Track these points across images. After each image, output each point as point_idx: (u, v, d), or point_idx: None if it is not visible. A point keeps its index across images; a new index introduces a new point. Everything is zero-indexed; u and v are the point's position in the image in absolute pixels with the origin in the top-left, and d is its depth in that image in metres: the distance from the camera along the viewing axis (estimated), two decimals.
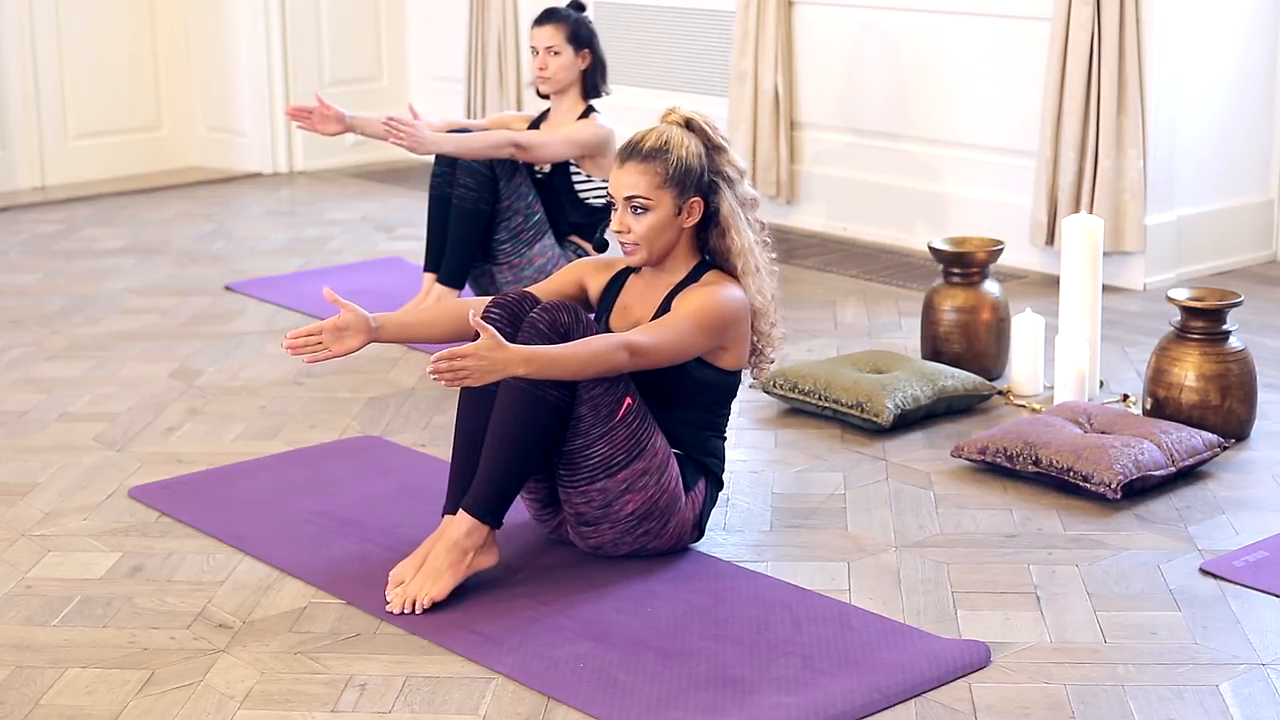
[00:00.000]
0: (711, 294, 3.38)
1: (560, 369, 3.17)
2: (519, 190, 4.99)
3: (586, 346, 3.21)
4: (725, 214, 3.43)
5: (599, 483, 3.29)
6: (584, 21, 5.10)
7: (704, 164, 3.41)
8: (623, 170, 3.39)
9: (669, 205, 3.38)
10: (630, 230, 3.39)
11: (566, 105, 5.13)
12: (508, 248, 4.99)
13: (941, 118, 6.10)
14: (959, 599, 3.27)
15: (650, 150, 3.38)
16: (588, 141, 5.01)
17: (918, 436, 4.20)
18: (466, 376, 3.07)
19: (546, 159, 5.02)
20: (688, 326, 3.33)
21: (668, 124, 3.44)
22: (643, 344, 3.27)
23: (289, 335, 3.31)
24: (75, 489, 3.88)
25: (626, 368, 3.26)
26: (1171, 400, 4.11)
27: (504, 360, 3.09)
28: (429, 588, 3.20)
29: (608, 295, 3.56)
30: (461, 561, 3.24)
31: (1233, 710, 2.83)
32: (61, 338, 5.13)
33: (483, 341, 3.08)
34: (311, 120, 5.03)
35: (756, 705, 2.83)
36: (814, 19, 6.39)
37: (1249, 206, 5.91)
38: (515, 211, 4.98)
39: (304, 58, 7.73)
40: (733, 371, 3.47)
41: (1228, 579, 3.34)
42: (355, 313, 3.33)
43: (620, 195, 3.39)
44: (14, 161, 7.40)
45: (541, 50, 5.06)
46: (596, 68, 5.10)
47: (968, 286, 4.61)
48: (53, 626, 3.17)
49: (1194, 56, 5.60)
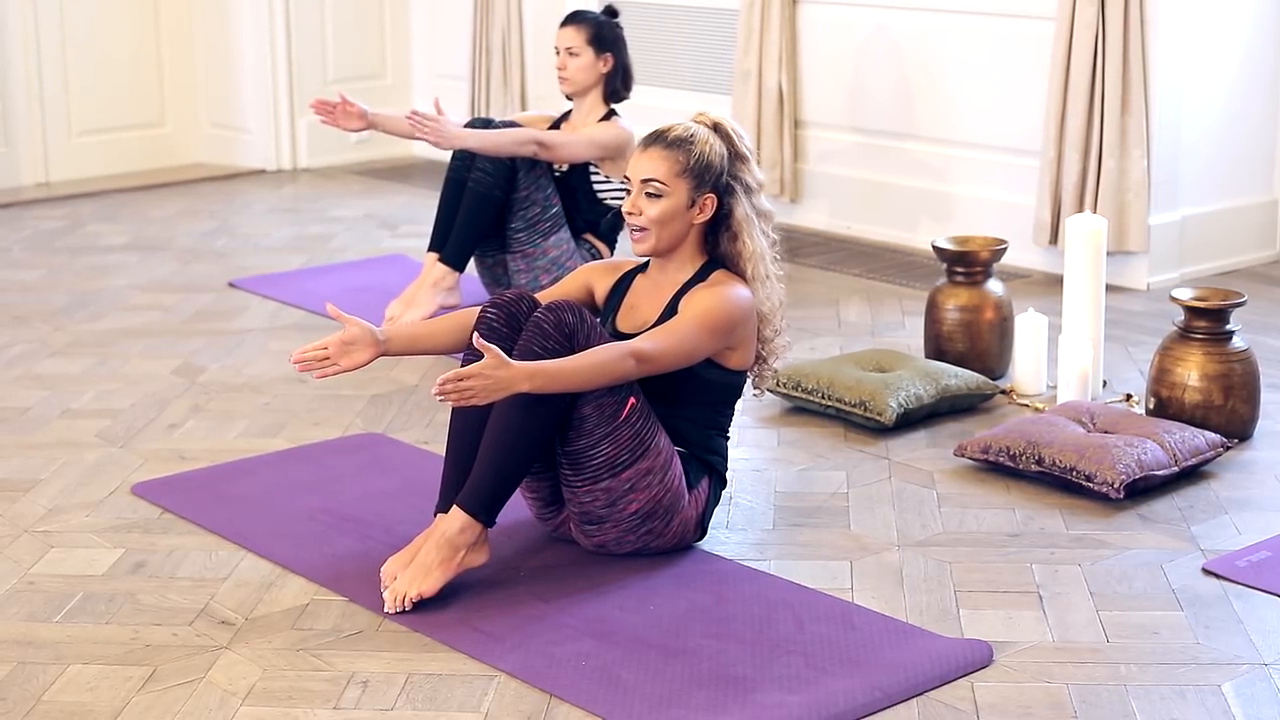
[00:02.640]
0: (718, 294, 3.38)
1: (566, 382, 3.18)
2: (539, 182, 5.05)
3: (592, 358, 3.22)
4: (739, 218, 3.45)
5: (603, 482, 3.29)
6: (609, 26, 5.16)
7: (724, 165, 3.43)
8: (644, 154, 3.42)
9: (683, 195, 3.40)
10: (642, 213, 3.41)
11: (587, 107, 5.20)
12: (523, 236, 5.03)
13: (945, 117, 6.10)
14: (961, 598, 3.27)
15: (674, 139, 3.41)
16: (608, 143, 5.09)
17: (920, 436, 4.20)
18: (473, 396, 3.09)
19: (567, 158, 5.10)
20: (694, 330, 3.33)
21: (696, 122, 3.47)
22: (649, 351, 3.28)
23: (296, 353, 3.33)
24: (78, 485, 3.88)
25: (634, 375, 3.27)
26: (1174, 400, 4.11)
27: (509, 378, 3.11)
28: (419, 583, 3.20)
29: (614, 296, 3.57)
30: (453, 559, 3.23)
31: (1235, 710, 2.83)
32: (64, 334, 5.13)
33: (487, 361, 3.09)
34: (334, 115, 5.12)
35: (758, 704, 2.83)
36: (818, 17, 6.39)
37: (1253, 206, 5.91)
38: (533, 202, 5.02)
39: (308, 55, 7.73)
40: (739, 371, 3.47)
41: (1230, 579, 3.34)
42: (362, 327, 3.35)
43: (637, 178, 3.42)
44: (18, 158, 7.40)
45: (562, 51, 5.15)
46: (618, 72, 5.18)
47: (971, 286, 4.60)
48: (55, 623, 3.18)
49: (1198, 56, 5.60)
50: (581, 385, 3.21)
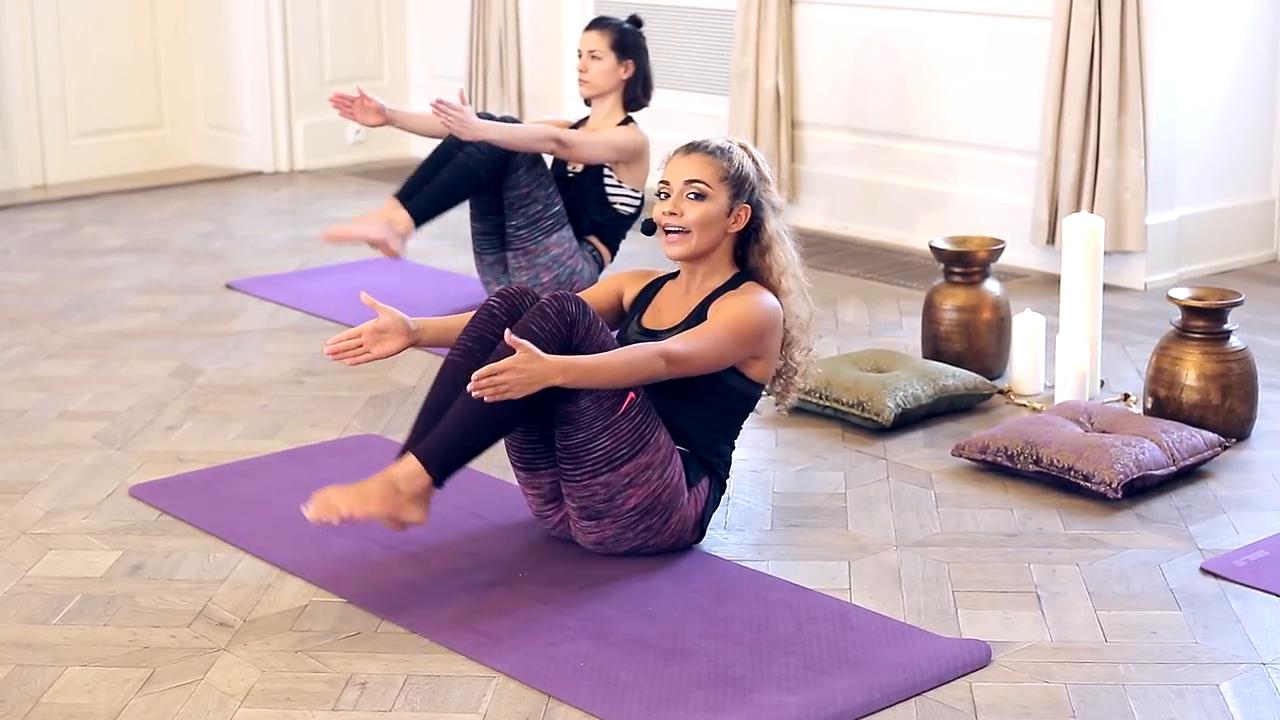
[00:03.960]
0: (750, 301, 3.42)
1: (598, 378, 3.22)
2: (540, 180, 5.08)
3: (624, 355, 3.26)
4: (769, 232, 3.51)
5: (601, 476, 3.30)
6: (633, 34, 5.22)
7: (755, 181, 3.49)
8: (687, 159, 3.47)
9: (723, 201, 3.45)
10: (683, 215, 3.45)
11: (604, 112, 5.25)
12: (524, 234, 5.05)
13: (942, 117, 6.10)
14: (959, 598, 3.27)
15: (715, 148, 3.49)
16: (626, 147, 5.14)
17: (918, 436, 4.20)
18: (507, 390, 3.12)
19: (585, 159, 5.14)
20: (725, 335, 3.37)
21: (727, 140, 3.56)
22: (680, 352, 3.31)
23: (330, 340, 3.40)
24: (76, 488, 3.88)
25: (663, 376, 3.30)
26: (1172, 400, 4.11)
27: (542, 371, 3.14)
28: (352, 504, 3.17)
29: (642, 297, 3.62)
30: (392, 498, 3.21)
31: (1233, 709, 2.83)
32: (62, 336, 5.13)
33: (520, 355, 3.12)
34: (352, 110, 5.19)
35: (757, 704, 2.83)
36: (815, 18, 6.39)
37: (1250, 206, 5.91)
38: (535, 200, 5.05)
39: (305, 56, 7.73)
40: (758, 384, 3.49)
41: (1228, 578, 3.34)
42: (394, 315, 3.42)
43: (680, 179, 3.45)
44: (15, 160, 7.40)
45: (585, 54, 5.21)
46: (639, 80, 5.22)
47: (969, 286, 4.61)
48: (53, 625, 3.17)
49: (1195, 55, 5.60)
50: (612, 382, 3.24)
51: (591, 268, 5.20)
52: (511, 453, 3.45)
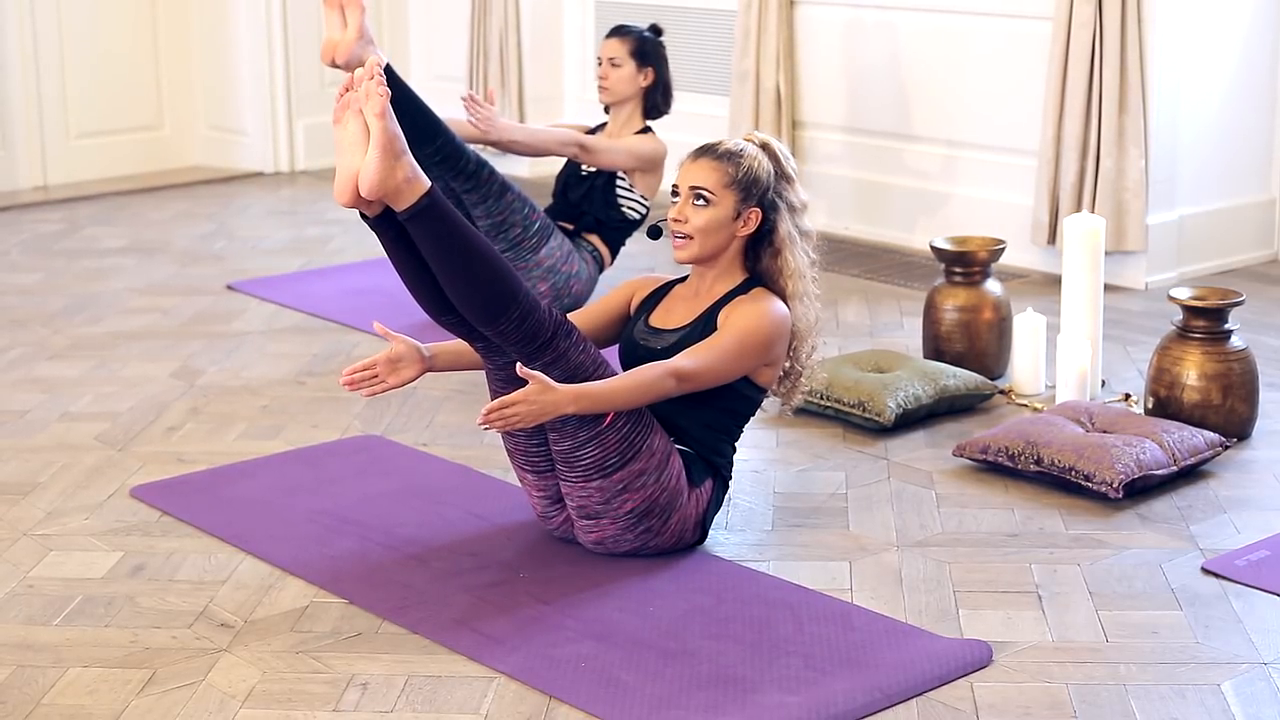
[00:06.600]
0: (758, 311, 3.43)
1: (610, 403, 3.23)
2: (512, 205, 5.01)
3: (635, 378, 3.27)
4: (782, 235, 3.52)
5: (594, 481, 3.30)
6: (654, 42, 5.25)
7: (770, 182, 3.49)
8: (695, 164, 3.48)
9: (730, 206, 3.45)
10: (688, 221, 3.46)
11: (623, 119, 5.28)
12: (510, 255, 5.01)
13: (943, 117, 6.10)
14: (961, 598, 3.27)
15: (724, 152, 3.48)
16: (645, 154, 5.18)
17: (919, 436, 4.20)
18: (518, 422, 3.14)
19: (605, 164, 5.16)
20: (734, 349, 3.38)
21: (746, 140, 3.54)
22: (689, 369, 3.33)
23: (345, 371, 3.41)
24: (77, 488, 3.88)
25: (675, 393, 3.33)
26: (1173, 399, 4.11)
27: (554, 402, 3.15)
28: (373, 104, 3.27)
29: (651, 298, 3.62)
30: (393, 145, 3.27)
31: (1234, 709, 2.83)
32: (63, 337, 5.13)
33: (531, 387, 3.14)
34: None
35: (758, 705, 2.83)
36: (815, 18, 6.39)
37: (1250, 205, 5.91)
38: (511, 225, 5.01)
39: (305, 57, 7.71)
40: (762, 388, 3.50)
41: (1229, 578, 3.34)
42: (408, 344, 3.43)
43: (686, 185, 3.47)
44: (15, 161, 7.40)
45: (605, 60, 5.25)
46: (659, 88, 5.26)
47: (969, 286, 4.61)
48: (54, 626, 3.17)
49: (1196, 55, 5.60)
50: (626, 404, 3.26)
51: (590, 268, 5.20)
52: (517, 456, 3.45)
